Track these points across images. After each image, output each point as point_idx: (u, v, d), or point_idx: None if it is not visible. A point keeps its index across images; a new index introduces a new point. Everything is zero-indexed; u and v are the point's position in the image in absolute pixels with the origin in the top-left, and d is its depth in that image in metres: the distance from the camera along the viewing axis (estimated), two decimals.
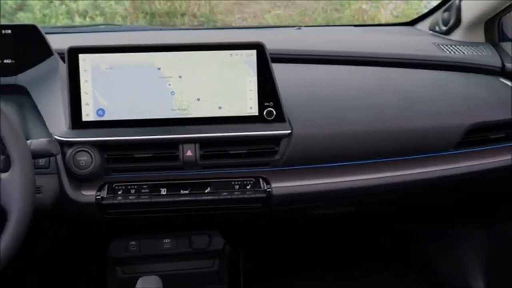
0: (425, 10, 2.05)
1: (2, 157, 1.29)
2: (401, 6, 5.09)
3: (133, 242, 1.64)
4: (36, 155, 1.22)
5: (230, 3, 5.23)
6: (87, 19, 4.71)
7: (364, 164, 1.46)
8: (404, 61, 1.66)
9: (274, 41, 1.40)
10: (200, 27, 3.76)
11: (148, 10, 4.98)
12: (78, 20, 4.62)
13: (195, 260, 1.69)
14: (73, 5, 4.85)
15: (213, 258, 1.71)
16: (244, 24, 4.94)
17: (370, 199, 1.53)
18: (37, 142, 1.24)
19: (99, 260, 1.70)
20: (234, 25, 4.77)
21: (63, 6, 4.83)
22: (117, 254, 1.64)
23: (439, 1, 1.91)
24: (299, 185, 1.42)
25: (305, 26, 1.95)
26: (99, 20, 4.73)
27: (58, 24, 4.49)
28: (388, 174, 1.46)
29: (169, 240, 1.64)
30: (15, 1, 4.77)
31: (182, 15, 5.03)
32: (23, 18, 4.60)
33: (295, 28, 1.95)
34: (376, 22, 4.69)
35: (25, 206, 1.15)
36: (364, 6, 5.11)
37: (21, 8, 4.81)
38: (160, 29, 2.10)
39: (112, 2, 4.95)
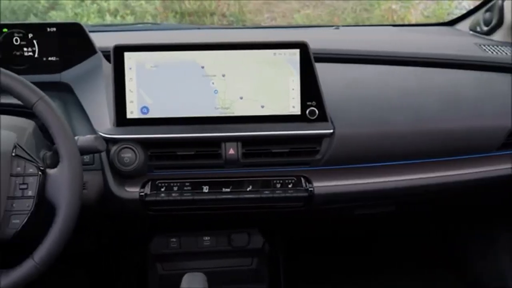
0: (456, 11, 2.03)
1: (49, 153, 1.32)
2: (432, 6, 5.04)
3: (174, 239, 1.65)
4: (83, 151, 1.23)
5: (259, 2, 5.23)
6: (118, 17, 4.75)
7: (406, 165, 1.45)
8: (445, 61, 1.64)
9: (313, 40, 1.40)
10: (240, 27, 3.75)
11: (178, 9, 5.01)
12: (109, 19, 4.66)
13: (233, 258, 1.70)
14: (104, 4, 4.89)
15: (251, 256, 1.71)
16: (273, 23, 4.94)
17: (411, 200, 1.52)
18: (84, 138, 1.26)
19: (140, 257, 1.71)
20: (269, 24, 4.77)
21: (95, 5, 4.88)
22: (158, 251, 1.66)
23: (470, 2, 1.89)
24: (341, 185, 1.42)
25: (343, 26, 1.95)
26: (129, 19, 4.77)
27: (90, 23, 4.53)
28: (430, 174, 1.45)
29: (209, 238, 1.66)
30: (48, 1, 4.83)
31: (212, 14, 5.05)
32: (55, 17, 4.65)
33: (333, 27, 1.95)
34: (408, 22, 4.65)
35: (73, 201, 1.16)
36: (394, 6, 5.08)
37: (53, 7, 4.87)
38: (198, 28, 2.11)
39: (143, 2, 4.98)
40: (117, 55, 1.37)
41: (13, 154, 1.17)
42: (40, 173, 1.17)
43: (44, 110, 1.18)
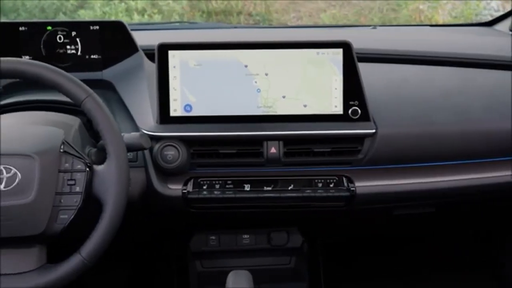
0: (484, 11, 2.02)
1: (93, 150, 1.33)
2: (460, 6, 5.00)
3: (213, 237, 1.66)
4: (129, 148, 1.24)
5: (285, 2, 5.23)
6: (145, 16, 4.78)
7: (448, 165, 1.44)
8: (486, 62, 1.63)
9: (353, 40, 1.40)
10: (278, 26, 3.75)
11: (205, 8, 5.02)
12: (136, 18, 4.69)
13: (271, 256, 1.70)
14: (132, 3, 4.92)
15: (290, 255, 1.71)
16: (299, 23, 4.94)
17: (453, 201, 1.51)
18: (130, 136, 1.27)
19: (181, 254, 1.73)
20: (295, 24, 4.77)
21: (123, 4, 4.91)
22: (197, 248, 1.67)
23: (499, 2, 1.87)
24: (383, 185, 1.42)
25: (379, 26, 1.94)
26: (156, 18, 4.80)
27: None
28: (473, 176, 1.45)
29: (248, 236, 1.66)
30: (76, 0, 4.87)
31: (238, 13, 5.06)
32: (83, 15, 4.69)
33: (371, 27, 1.95)
34: (436, 23, 4.62)
35: (120, 198, 1.17)
36: (421, 7, 5.05)
37: (82, 6, 4.91)
38: (235, 27, 2.12)
39: (170, 1, 5.01)
40: (161, 53, 1.38)
41: (61, 150, 1.19)
42: (87, 169, 1.19)
43: (92, 107, 1.19)
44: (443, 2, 5.04)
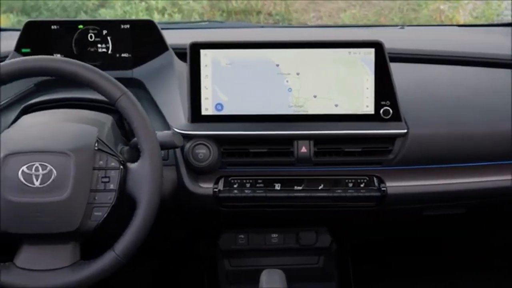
0: (506, 11, 2.00)
1: (126, 148, 1.34)
2: (481, 6, 4.96)
3: (242, 236, 1.67)
4: (161, 146, 1.25)
5: (305, 2, 5.22)
6: (166, 15, 4.80)
7: (480, 166, 1.43)
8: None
9: (381, 40, 1.39)
10: (307, 25, 3.74)
11: (225, 8, 5.03)
12: (156, 17, 4.70)
13: (300, 256, 1.70)
14: (152, 2, 4.94)
15: (318, 255, 1.71)
16: (319, 22, 4.93)
17: (485, 202, 1.50)
18: (162, 134, 1.27)
19: (210, 252, 1.73)
20: (316, 24, 4.76)
21: (143, 3, 4.93)
22: (226, 247, 1.67)
23: None
24: (414, 185, 1.41)
25: (407, 26, 1.93)
26: (176, 17, 4.82)
27: None
28: (504, 177, 1.44)
29: (276, 235, 1.66)
30: None
31: (258, 13, 5.06)
32: (104, 14, 4.72)
33: (398, 27, 1.94)
34: (457, 23, 4.58)
35: (154, 196, 1.18)
36: (442, 7, 5.01)
37: (103, 5, 4.94)
38: (262, 27, 2.12)
39: (190, 0, 5.02)
40: (193, 52, 1.39)
41: (96, 148, 1.20)
42: (121, 167, 1.20)
43: (127, 106, 1.20)
44: (464, 2, 5.00)
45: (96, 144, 1.20)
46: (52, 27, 1.56)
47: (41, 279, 1.17)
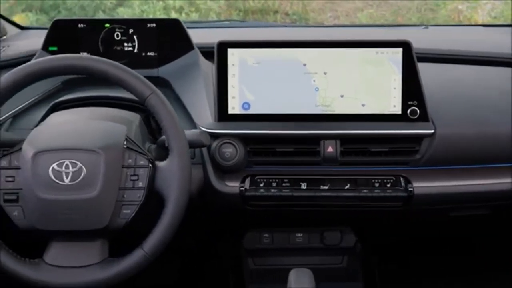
0: None
1: (153, 146, 1.34)
2: (500, 6, 4.93)
3: (266, 235, 1.67)
4: (189, 145, 1.25)
5: (322, 1, 5.22)
6: (183, 15, 4.81)
7: (506, 167, 1.42)
8: None
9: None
10: (329, 25, 3.72)
11: (242, 7, 5.04)
12: (174, 16, 4.72)
13: (324, 255, 1.70)
14: (170, 2, 4.96)
15: (342, 255, 1.71)
16: (336, 22, 4.92)
17: (510, 203, 1.49)
18: (190, 132, 1.28)
19: (234, 251, 1.73)
20: (332, 23, 4.75)
21: (160, 2, 4.95)
22: (251, 246, 1.67)
23: None
24: (441, 186, 1.41)
25: (431, 26, 1.92)
26: (194, 16, 4.83)
27: None
28: None
29: (301, 234, 1.66)
30: None
31: (275, 12, 5.07)
32: (122, 13, 4.75)
33: (423, 27, 1.93)
34: (475, 23, 4.56)
35: (182, 194, 1.18)
36: (460, 7, 4.99)
37: (121, 4, 4.96)
38: (285, 26, 2.13)
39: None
40: (220, 51, 1.39)
41: (125, 146, 1.20)
42: (150, 165, 1.20)
43: (156, 104, 1.20)
44: (483, 2, 4.97)
45: (125, 142, 1.21)
46: (79, 25, 1.57)
47: (70, 276, 1.18)
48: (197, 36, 1.62)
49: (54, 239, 1.20)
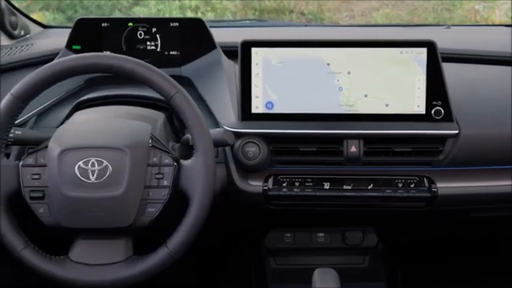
0: None
1: (176, 145, 1.35)
2: None
3: (288, 234, 1.67)
4: (214, 144, 1.25)
5: (338, 1, 5.21)
6: (199, 14, 4.82)
7: None
8: None
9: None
10: (349, 24, 3.71)
11: (257, 6, 5.04)
12: (189, 15, 4.73)
13: (345, 255, 1.70)
14: (186, 1, 4.97)
15: (364, 254, 1.71)
16: (352, 22, 4.91)
17: None
18: (215, 131, 1.28)
19: (255, 250, 1.73)
20: (348, 23, 4.74)
21: (176, 1, 4.97)
22: (272, 245, 1.67)
23: None
24: (465, 186, 1.40)
25: (453, 25, 1.91)
26: (209, 15, 4.84)
27: None
28: None
29: (323, 234, 1.66)
30: None
31: (290, 12, 5.06)
32: (138, 12, 4.77)
33: (444, 27, 1.92)
34: (492, 23, 4.53)
35: (207, 193, 1.19)
36: (476, 7, 4.96)
37: (137, 3, 4.99)
38: (306, 25, 2.12)
39: None
40: (244, 51, 1.39)
41: (150, 145, 1.21)
42: (175, 163, 1.20)
43: (181, 103, 1.20)
44: (500, 2, 4.94)
45: (150, 141, 1.21)
46: (103, 24, 1.57)
47: (96, 273, 1.18)
48: (218, 35, 1.62)
49: (79, 237, 1.21)
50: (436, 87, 1.38)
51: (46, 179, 1.18)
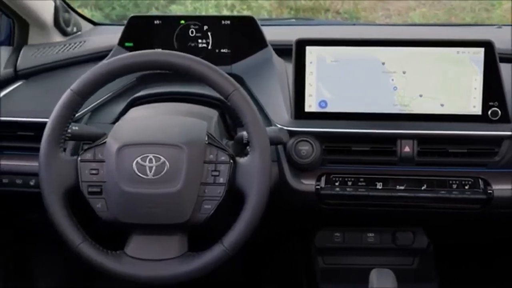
0: None
1: (230, 142, 1.35)
2: None
3: (338, 234, 1.66)
4: (270, 142, 1.25)
5: (374, 0, 5.17)
6: (235, 12, 4.83)
7: None
8: None
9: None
10: (400, 24, 3.66)
11: (293, 5, 5.03)
12: (225, 13, 4.74)
13: (394, 256, 1.68)
14: (221, 0, 4.98)
15: (413, 256, 1.69)
16: (388, 21, 4.87)
17: None
18: (270, 129, 1.28)
19: (304, 249, 1.73)
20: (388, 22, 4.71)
21: (212, 0, 4.98)
22: (321, 244, 1.67)
23: None
24: None
25: (504, 25, 1.88)
26: (245, 14, 4.84)
27: None
28: None
29: (373, 234, 1.65)
30: None
31: (326, 11, 5.05)
32: (175, 10, 4.80)
33: (495, 27, 1.89)
34: None
35: (263, 191, 1.18)
36: None
37: (173, 1, 5.01)
38: (354, 24, 2.11)
39: None
40: (299, 49, 1.39)
41: (206, 142, 1.21)
42: (231, 161, 1.20)
43: (239, 101, 1.20)
44: None
45: (206, 138, 1.22)
46: (155, 22, 1.59)
47: (151, 269, 1.19)
48: (267, 34, 1.62)
49: (135, 232, 1.22)
50: (493, 87, 1.36)
51: (104, 174, 1.19)
